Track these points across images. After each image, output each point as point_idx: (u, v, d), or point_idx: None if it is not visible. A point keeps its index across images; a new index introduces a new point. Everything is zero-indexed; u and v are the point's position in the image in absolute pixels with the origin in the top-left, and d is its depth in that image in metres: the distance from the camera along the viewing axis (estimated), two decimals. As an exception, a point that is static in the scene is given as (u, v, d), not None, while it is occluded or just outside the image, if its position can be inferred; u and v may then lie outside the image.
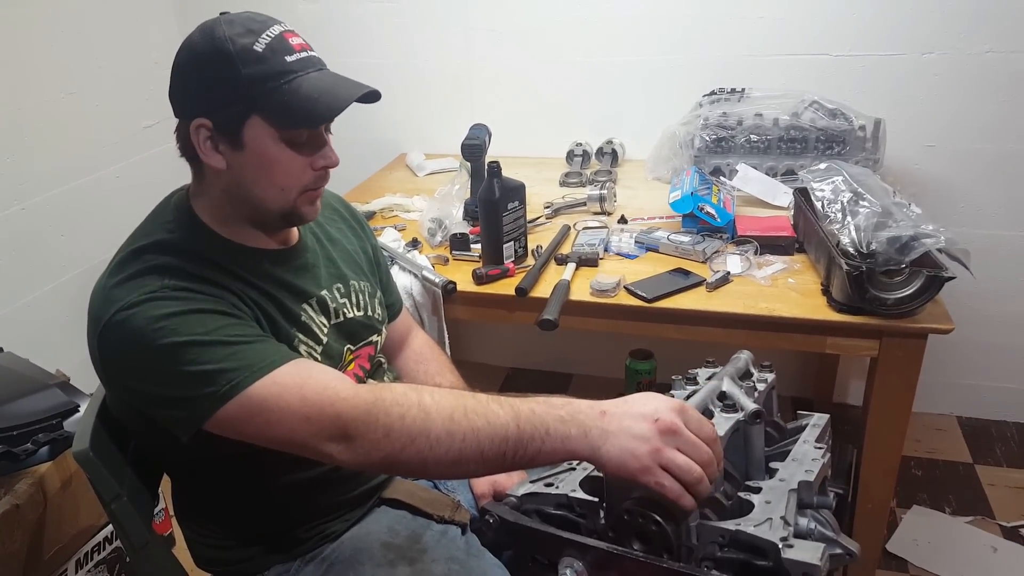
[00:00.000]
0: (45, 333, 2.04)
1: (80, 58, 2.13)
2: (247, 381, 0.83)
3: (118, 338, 0.86)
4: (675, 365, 1.06)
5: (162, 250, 0.91)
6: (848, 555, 0.76)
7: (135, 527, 0.98)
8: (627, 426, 0.75)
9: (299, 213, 0.98)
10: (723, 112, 1.90)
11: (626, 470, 0.74)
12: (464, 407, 0.81)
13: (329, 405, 0.83)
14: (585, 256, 1.58)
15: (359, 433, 0.82)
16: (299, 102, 0.89)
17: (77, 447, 0.96)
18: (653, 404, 0.77)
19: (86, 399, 1.52)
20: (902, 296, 1.29)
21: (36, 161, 2.02)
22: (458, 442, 0.79)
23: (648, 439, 0.74)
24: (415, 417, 0.81)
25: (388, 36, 2.32)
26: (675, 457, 0.73)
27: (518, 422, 0.78)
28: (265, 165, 0.92)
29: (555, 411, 0.79)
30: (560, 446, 0.77)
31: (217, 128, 0.91)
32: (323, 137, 0.96)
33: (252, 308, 0.95)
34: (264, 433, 0.85)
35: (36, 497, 1.42)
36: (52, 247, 2.10)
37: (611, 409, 0.78)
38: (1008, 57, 1.90)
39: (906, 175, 1.99)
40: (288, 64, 0.90)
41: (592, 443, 0.76)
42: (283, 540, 1.05)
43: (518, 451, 0.78)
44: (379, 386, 0.86)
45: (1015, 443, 2.18)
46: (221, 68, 0.89)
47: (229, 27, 0.90)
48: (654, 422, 0.75)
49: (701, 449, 0.75)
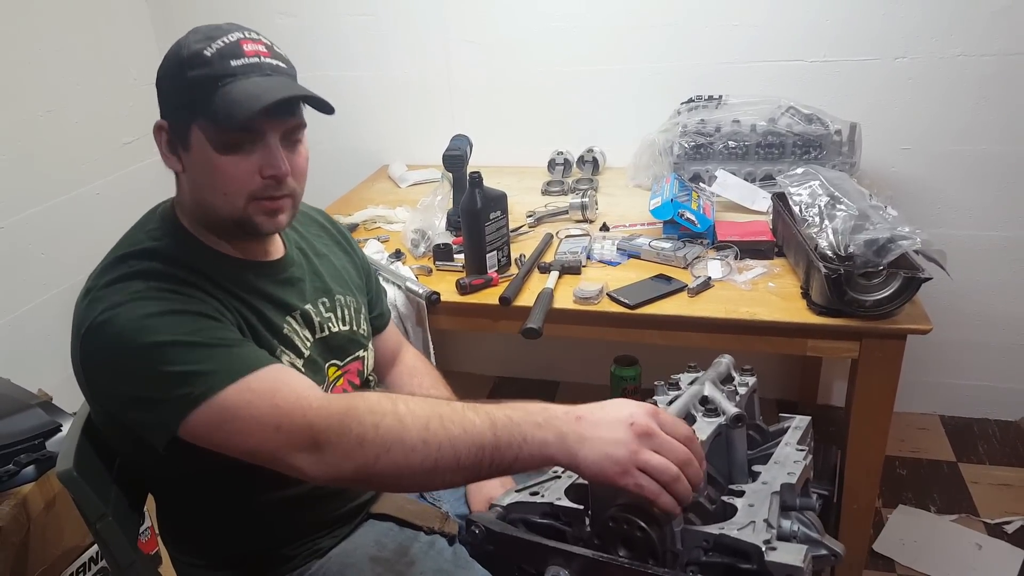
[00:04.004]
0: (26, 353, 2.03)
1: (59, 76, 2.12)
2: (221, 383, 0.82)
3: (100, 338, 0.85)
4: (659, 370, 1.06)
5: (147, 256, 0.92)
6: (833, 556, 0.76)
7: (121, 547, 0.97)
8: (603, 430, 0.76)
9: (252, 223, 0.95)
10: (701, 119, 1.92)
11: (604, 474, 0.75)
12: (440, 415, 0.79)
13: (300, 414, 0.81)
14: (568, 264, 1.59)
15: (330, 443, 0.80)
16: (226, 104, 0.87)
17: (61, 467, 0.95)
18: (628, 409, 0.77)
19: (69, 419, 1.51)
20: (880, 298, 1.30)
21: (15, 179, 2.01)
22: (434, 451, 0.78)
23: (624, 443, 0.74)
24: (390, 425, 0.79)
25: (367, 48, 2.33)
26: (651, 458, 0.74)
27: (495, 430, 0.78)
28: (207, 169, 0.92)
29: (531, 417, 0.78)
30: (537, 452, 0.77)
31: (171, 131, 0.93)
32: (271, 144, 0.92)
33: (235, 316, 0.94)
34: (235, 442, 0.83)
35: (19, 519, 1.40)
36: (33, 266, 2.08)
37: (587, 415, 0.78)
38: (979, 60, 1.93)
39: (882, 178, 2.02)
40: (231, 68, 0.89)
41: (569, 448, 0.76)
42: (270, 558, 1.04)
43: (495, 459, 0.78)
44: (352, 395, 0.84)
45: (997, 441, 2.20)
46: (173, 72, 0.91)
47: (192, 35, 0.92)
48: (629, 426, 0.75)
49: (677, 448, 0.75)
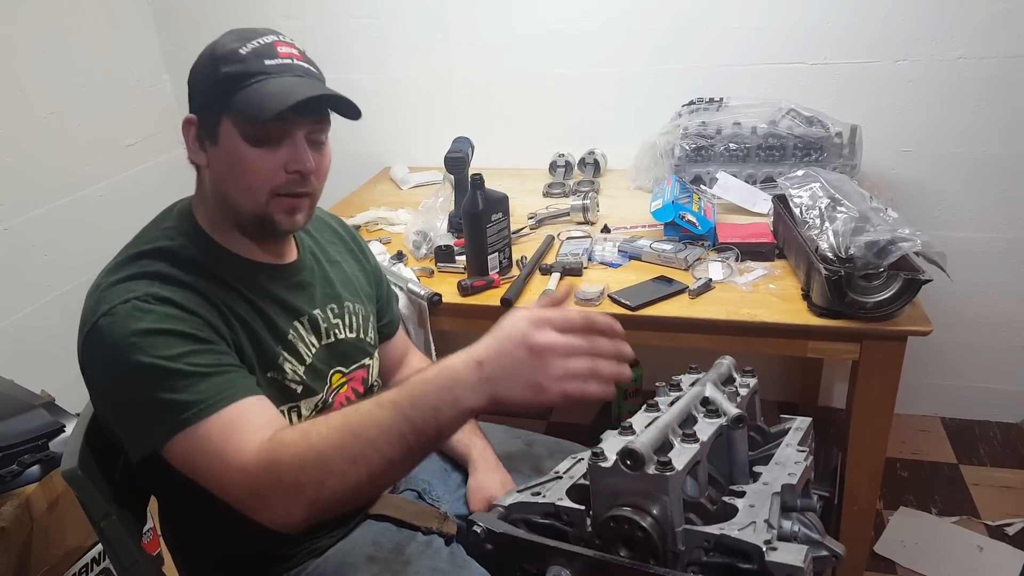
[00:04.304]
0: (29, 354, 2.03)
1: (62, 78, 2.13)
2: (194, 418, 0.84)
3: (93, 345, 0.88)
4: (660, 372, 1.06)
5: (160, 256, 0.93)
6: (834, 557, 0.76)
7: (124, 545, 0.98)
8: (506, 362, 0.75)
9: (273, 220, 0.96)
10: (702, 121, 1.92)
11: (527, 400, 0.76)
12: (351, 427, 0.79)
13: (238, 477, 0.82)
14: (569, 266, 1.59)
15: (271, 495, 0.81)
16: (260, 97, 0.90)
17: (66, 466, 0.96)
18: (517, 327, 0.76)
19: (72, 419, 1.51)
20: (881, 299, 1.31)
21: (19, 181, 2.02)
22: (362, 463, 0.78)
23: (531, 364, 0.74)
24: (312, 461, 0.79)
25: (369, 51, 2.34)
26: (563, 364, 0.74)
27: (405, 414, 0.77)
28: (234, 162, 0.93)
29: (436, 384, 0.77)
30: (454, 413, 0.76)
31: (201, 124, 0.95)
32: (298, 140, 0.94)
33: (234, 327, 0.94)
34: (204, 485, 0.86)
35: (22, 519, 1.41)
36: (36, 267, 2.09)
37: (485, 355, 0.76)
38: (979, 63, 1.93)
39: (883, 180, 2.02)
40: (264, 67, 0.91)
41: (483, 393, 0.75)
42: (268, 558, 1.05)
43: (420, 438, 0.77)
44: (274, 441, 0.83)
45: (998, 443, 2.21)
46: (207, 68, 0.93)
47: (228, 35, 0.95)
48: (528, 348, 0.75)
49: (574, 344, 0.76)
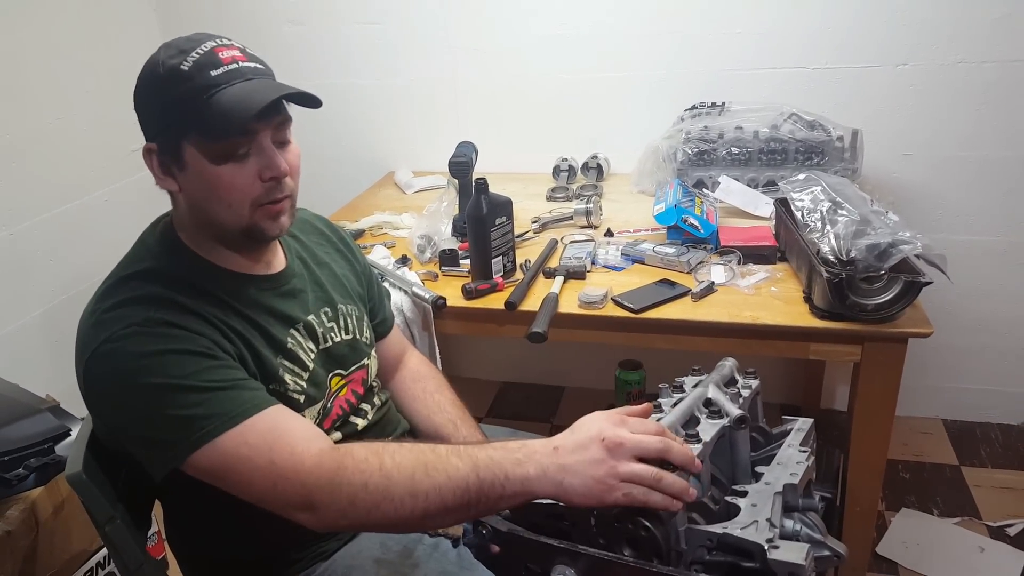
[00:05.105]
0: (34, 358, 2.04)
1: (67, 84, 2.14)
2: (217, 430, 0.85)
3: (101, 371, 0.87)
4: (664, 374, 1.07)
5: (149, 278, 0.92)
6: (836, 557, 0.77)
7: (129, 549, 0.99)
8: (580, 454, 0.79)
9: (260, 228, 0.95)
10: (704, 126, 1.93)
11: (593, 495, 0.77)
12: (425, 465, 0.82)
13: (294, 474, 0.84)
14: (573, 269, 1.60)
15: (323, 503, 0.83)
16: (218, 114, 0.87)
17: (70, 470, 0.96)
18: (596, 425, 0.81)
19: (78, 423, 1.51)
20: (882, 302, 1.31)
21: (24, 187, 2.03)
22: (421, 501, 0.81)
23: (601, 460, 0.77)
24: (377, 483, 0.82)
25: (373, 56, 2.35)
26: (632, 467, 0.77)
27: (477, 471, 0.80)
28: (208, 183, 0.91)
29: (512, 455, 0.81)
30: (520, 488, 0.79)
31: (162, 151, 0.93)
32: (265, 146, 0.92)
33: (235, 342, 0.94)
34: (238, 491, 0.87)
35: (28, 523, 1.41)
36: (41, 272, 2.10)
37: (562, 443, 0.81)
38: (979, 67, 1.94)
39: (884, 184, 2.03)
40: (212, 78, 0.88)
41: (552, 479, 0.78)
42: (276, 561, 1.05)
43: (480, 499, 0.80)
44: (341, 451, 0.86)
45: (999, 444, 2.21)
46: (153, 92, 0.91)
47: (164, 51, 0.90)
48: (601, 442, 0.78)
49: (651, 442, 0.78)
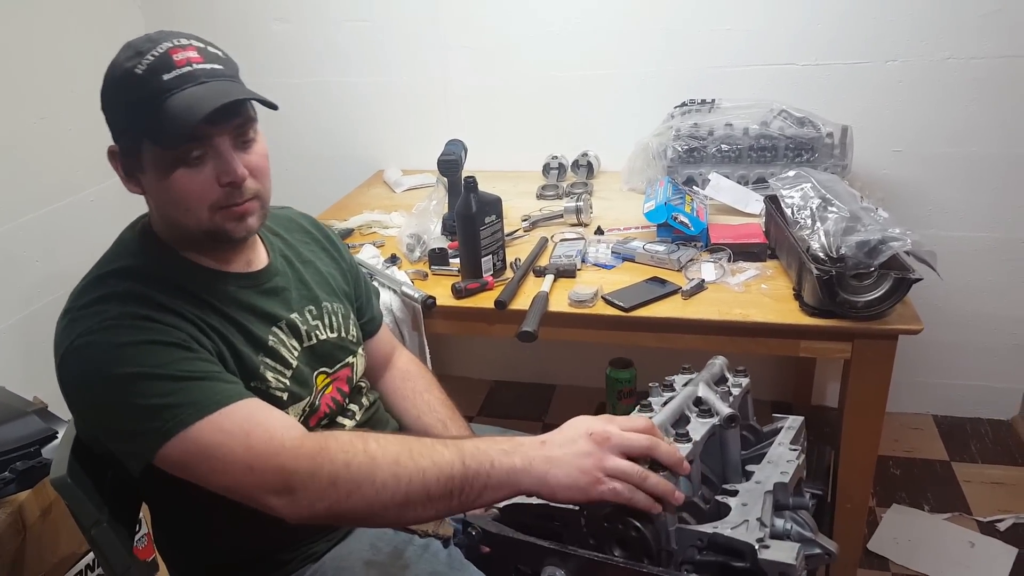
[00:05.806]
0: (21, 360, 2.02)
1: (53, 83, 2.12)
2: (191, 419, 0.83)
3: (76, 365, 0.87)
4: (654, 372, 1.07)
5: (126, 276, 0.91)
6: (827, 555, 0.77)
7: (116, 553, 0.98)
8: (567, 448, 0.79)
9: (224, 230, 0.93)
10: (694, 123, 1.93)
11: (577, 488, 0.77)
12: (410, 449, 0.81)
13: (274, 456, 0.82)
14: (563, 268, 1.60)
15: (303, 485, 0.81)
16: (168, 120, 0.85)
17: (55, 473, 0.95)
18: (585, 423, 0.81)
19: (64, 426, 1.50)
20: (871, 298, 1.31)
21: (9, 186, 2.01)
22: (404, 484, 0.80)
23: (589, 452, 0.77)
24: (361, 463, 0.81)
25: (362, 54, 2.33)
26: (618, 462, 0.77)
27: (463, 459, 0.80)
28: (165, 187, 0.90)
29: (499, 445, 0.81)
30: (506, 479, 0.79)
31: (124, 154, 0.92)
32: (223, 150, 0.90)
33: (213, 339, 0.93)
34: (210, 480, 0.85)
35: (15, 526, 1.40)
36: (27, 273, 2.08)
37: (549, 438, 0.81)
38: (968, 63, 1.95)
39: (873, 180, 2.03)
40: (164, 83, 0.86)
41: (538, 471, 0.78)
42: (264, 563, 1.04)
43: (465, 487, 0.79)
44: (325, 434, 0.85)
45: (989, 440, 2.22)
46: (113, 95, 0.90)
47: (124, 52, 0.89)
48: (588, 435, 0.79)
49: (639, 440, 0.78)
